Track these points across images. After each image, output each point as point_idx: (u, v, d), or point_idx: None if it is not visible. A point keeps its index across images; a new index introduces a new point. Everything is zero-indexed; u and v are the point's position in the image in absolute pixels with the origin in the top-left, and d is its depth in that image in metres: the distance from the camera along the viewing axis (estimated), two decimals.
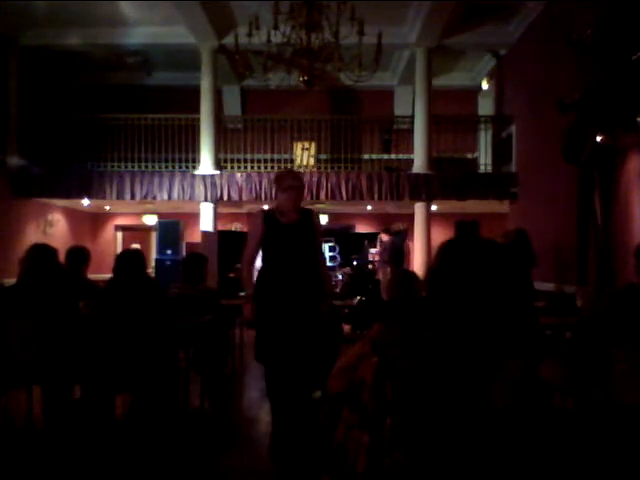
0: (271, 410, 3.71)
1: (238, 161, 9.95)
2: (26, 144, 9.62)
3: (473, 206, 10.26)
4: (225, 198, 9.52)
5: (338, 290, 9.59)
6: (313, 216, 3.77)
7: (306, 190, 9.44)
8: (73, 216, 11.51)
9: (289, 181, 3.69)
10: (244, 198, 9.56)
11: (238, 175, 9.59)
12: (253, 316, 3.62)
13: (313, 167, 10.09)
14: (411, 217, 10.04)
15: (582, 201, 6.62)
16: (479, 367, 1.51)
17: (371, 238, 11.09)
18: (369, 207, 11.33)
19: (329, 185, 9.48)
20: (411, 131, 9.88)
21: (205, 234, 9.73)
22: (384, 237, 9.69)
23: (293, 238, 3.63)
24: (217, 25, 9.03)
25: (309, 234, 3.68)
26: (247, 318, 3.68)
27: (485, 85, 11.26)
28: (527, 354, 1.69)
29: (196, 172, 9.64)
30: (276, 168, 9.79)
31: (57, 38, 9.38)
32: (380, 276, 9.53)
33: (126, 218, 12.61)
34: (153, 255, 10.12)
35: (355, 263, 10.65)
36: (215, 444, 3.83)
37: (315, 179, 9.50)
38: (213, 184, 9.48)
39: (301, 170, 9.79)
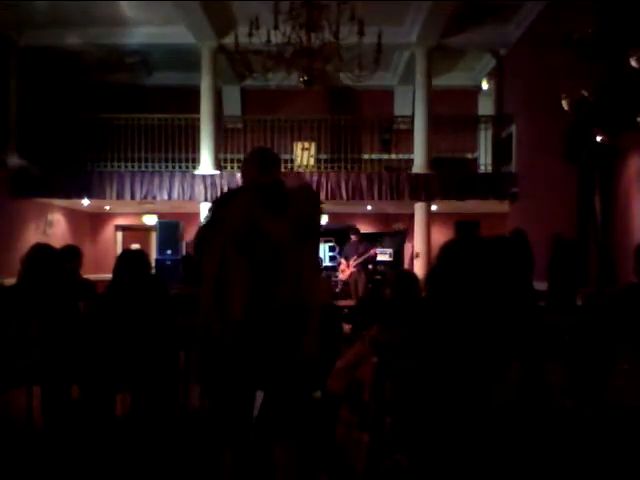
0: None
1: (238, 161, 9.93)
2: (26, 144, 9.62)
3: (473, 206, 10.26)
4: None
5: (338, 290, 9.57)
6: None
7: None
8: (73, 216, 11.50)
9: None
10: None
11: (238, 175, 9.57)
12: None
13: (313, 167, 10.08)
14: (411, 217, 10.03)
15: (582, 201, 6.62)
16: (479, 367, 1.51)
17: (371, 238, 11.07)
18: (369, 207, 11.33)
19: (329, 185, 9.48)
20: (411, 131, 9.88)
21: None
22: (354, 238, 9.60)
23: None
24: (217, 25, 9.03)
25: None
26: None
27: (485, 85, 11.25)
28: (528, 355, 1.69)
29: (196, 172, 9.64)
30: None
31: (57, 38, 9.38)
32: (359, 284, 9.32)
33: (126, 218, 12.60)
34: (153, 255, 10.10)
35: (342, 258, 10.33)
36: (215, 444, 3.83)
37: (315, 179, 9.50)
38: (213, 184, 9.48)
39: (301, 170, 9.80)
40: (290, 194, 2.65)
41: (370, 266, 10.46)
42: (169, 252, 9.70)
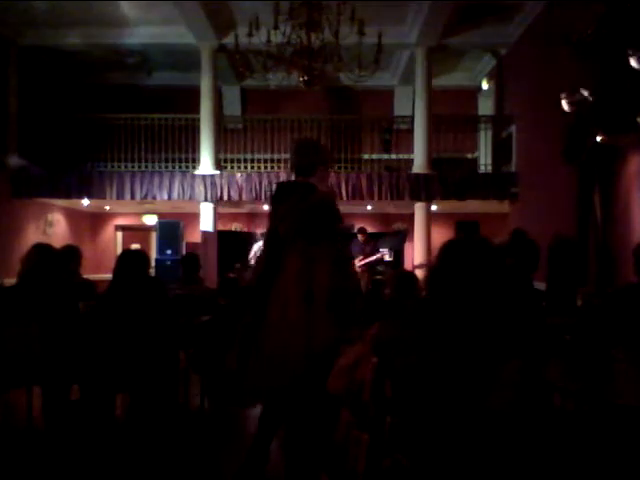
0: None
1: (238, 161, 9.95)
2: (26, 144, 9.62)
3: (473, 206, 10.26)
4: (225, 198, 9.52)
5: None
6: None
7: None
8: (73, 216, 11.50)
9: None
10: (244, 198, 9.56)
11: (238, 175, 9.59)
12: None
13: None
14: (411, 217, 10.02)
15: (582, 201, 6.62)
16: (478, 366, 1.51)
17: (371, 238, 11.03)
18: (369, 207, 11.33)
19: (329, 185, 9.47)
20: (411, 131, 9.88)
21: (205, 234, 9.73)
22: (361, 238, 9.56)
23: None
24: (217, 25, 9.03)
25: None
26: None
27: (485, 85, 11.25)
28: (527, 355, 1.68)
29: (196, 172, 9.64)
30: (276, 168, 9.79)
31: (57, 38, 9.38)
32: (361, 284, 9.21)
33: (126, 218, 12.60)
34: (153, 255, 10.11)
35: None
36: (215, 444, 3.83)
37: None
38: (213, 184, 9.48)
39: None
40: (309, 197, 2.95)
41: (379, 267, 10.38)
42: (169, 252, 9.71)
